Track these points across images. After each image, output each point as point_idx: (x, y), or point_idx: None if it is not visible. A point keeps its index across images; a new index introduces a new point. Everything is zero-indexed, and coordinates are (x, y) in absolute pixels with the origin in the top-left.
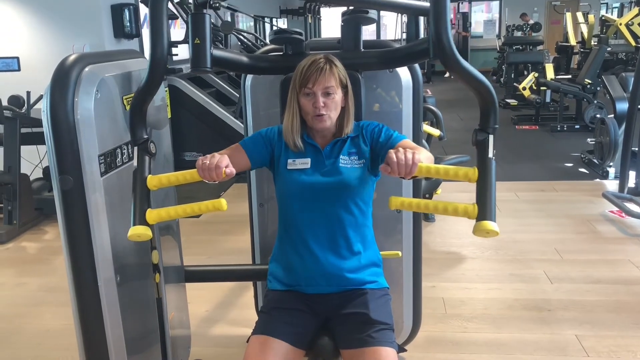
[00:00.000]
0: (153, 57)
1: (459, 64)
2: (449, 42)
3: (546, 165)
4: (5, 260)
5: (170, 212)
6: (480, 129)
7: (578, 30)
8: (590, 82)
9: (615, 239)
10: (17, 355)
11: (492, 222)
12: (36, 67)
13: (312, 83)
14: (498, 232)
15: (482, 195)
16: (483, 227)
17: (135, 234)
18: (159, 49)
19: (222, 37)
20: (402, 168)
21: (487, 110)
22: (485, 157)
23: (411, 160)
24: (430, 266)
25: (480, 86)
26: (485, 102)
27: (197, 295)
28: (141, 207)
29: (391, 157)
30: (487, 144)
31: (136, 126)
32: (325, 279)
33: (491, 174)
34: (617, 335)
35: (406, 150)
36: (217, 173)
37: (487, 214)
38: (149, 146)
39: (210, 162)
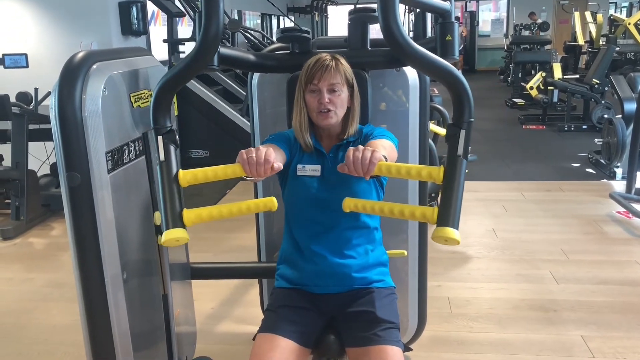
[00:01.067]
0: (205, 35)
1: (418, 53)
2: (400, 31)
3: (553, 165)
4: (12, 256)
5: (212, 213)
6: (452, 123)
7: (586, 30)
8: (598, 82)
9: (622, 239)
10: (24, 350)
11: (453, 229)
12: (44, 63)
13: (317, 79)
14: (459, 240)
15: (446, 198)
16: (442, 234)
17: (173, 239)
18: (213, 25)
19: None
20: (357, 167)
21: (460, 103)
22: (454, 155)
23: (368, 159)
24: (436, 265)
25: (448, 76)
26: (456, 93)
27: (203, 292)
28: (174, 207)
29: (348, 155)
30: (457, 140)
31: (160, 113)
32: (332, 280)
33: (458, 174)
34: (624, 336)
35: (365, 149)
36: (266, 168)
37: (448, 219)
38: (175, 136)
39: (258, 156)
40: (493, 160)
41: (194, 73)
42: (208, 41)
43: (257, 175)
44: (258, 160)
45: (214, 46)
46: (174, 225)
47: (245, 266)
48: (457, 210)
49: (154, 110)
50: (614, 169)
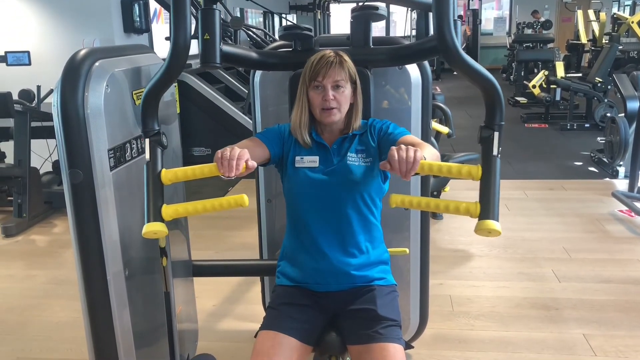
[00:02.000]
0: (175, 46)
1: (463, 59)
2: (452, 38)
3: (555, 163)
4: (14, 253)
5: (188, 208)
6: (486, 125)
7: (589, 28)
8: (601, 80)
9: (624, 238)
10: (26, 347)
11: (495, 222)
12: (46, 61)
13: (321, 76)
14: (500, 231)
15: (485, 194)
16: (485, 227)
17: (151, 231)
18: (181, 37)
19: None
20: (402, 165)
21: (493, 107)
22: (490, 155)
23: (412, 158)
24: (438, 263)
25: (485, 82)
26: (490, 98)
27: (205, 289)
28: (155, 203)
29: (392, 154)
30: (491, 141)
31: (148, 117)
32: (334, 277)
33: (495, 172)
34: (626, 335)
35: (408, 148)
36: (238, 165)
37: (489, 212)
38: (161, 138)
39: (231, 155)
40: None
41: (171, 81)
42: (178, 51)
43: (228, 173)
44: (230, 159)
45: (184, 54)
46: (154, 219)
47: (247, 264)
48: (497, 205)
49: (142, 115)
50: (616, 168)
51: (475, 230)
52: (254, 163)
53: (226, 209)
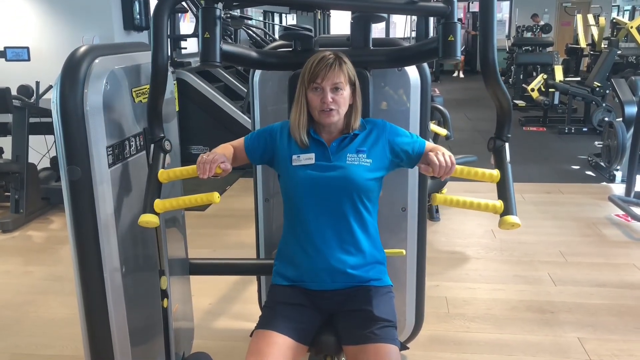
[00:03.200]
0: (155, 66)
1: (497, 80)
2: (494, 60)
3: (553, 167)
4: (11, 249)
5: (173, 203)
6: (497, 137)
7: (588, 33)
8: (599, 84)
9: (620, 242)
10: (22, 343)
11: (516, 217)
12: (46, 57)
13: (320, 78)
14: (520, 224)
15: (505, 194)
16: (509, 221)
17: (144, 221)
18: (160, 59)
19: (232, 32)
20: (442, 170)
21: (504, 121)
22: (504, 162)
23: (450, 163)
24: (434, 265)
25: (504, 100)
26: (504, 113)
27: (201, 288)
28: (151, 198)
29: (433, 160)
30: (504, 151)
31: (154, 125)
32: (330, 276)
33: (510, 176)
34: (620, 339)
35: (444, 153)
36: (211, 167)
37: (510, 209)
38: (164, 144)
39: (206, 159)
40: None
41: (161, 95)
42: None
43: (202, 175)
44: (205, 162)
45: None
46: (149, 211)
47: (244, 263)
48: (514, 202)
49: (148, 124)
50: (613, 172)
51: (499, 225)
52: (227, 166)
53: (200, 204)
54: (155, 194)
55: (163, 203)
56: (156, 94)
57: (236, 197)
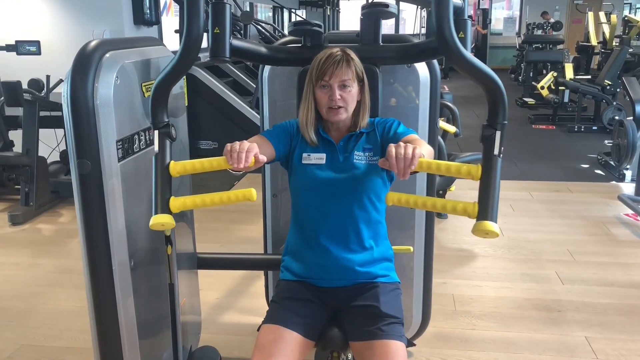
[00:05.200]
0: (188, 37)
1: (464, 57)
2: (452, 35)
3: (562, 165)
4: (21, 241)
5: (196, 201)
6: (488, 124)
7: (600, 30)
8: (610, 83)
9: (629, 242)
10: (30, 335)
11: (493, 223)
12: (56, 51)
13: (328, 76)
14: (498, 233)
15: (484, 194)
16: (482, 227)
17: (159, 223)
18: (194, 28)
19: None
20: (400, 162)
21: (496, 106)
22: (490, 154)
23: (410, 155)
24: (442, 262)
25: (488, 80)
26: (493, 96)
27: (208, 282)
28: (163, 195)
29: (390, 151)
30: (493, 140)
31: (158, 109)
32: (337, 273)
33: (495, 172)
34: (628, 339)
35: (407, 145)
36: (247, 157)
37: (488, 213)
38: (171, 130)
39: (240, 147)
40: (502, 159)
41: (182, 73)
42: (190, 43)
43: (237, 164)
44: (240, 151)
45: (197, 46)
46: (162, 211)
47: (252, 258)
48: (496, 206)
49: (152, 107)
50: (623, 171)
51: (472, 231)
52: (263, 157)
53: (234, 202)
54: (167, 191)
55: (182, 201)
56: (176, 72)
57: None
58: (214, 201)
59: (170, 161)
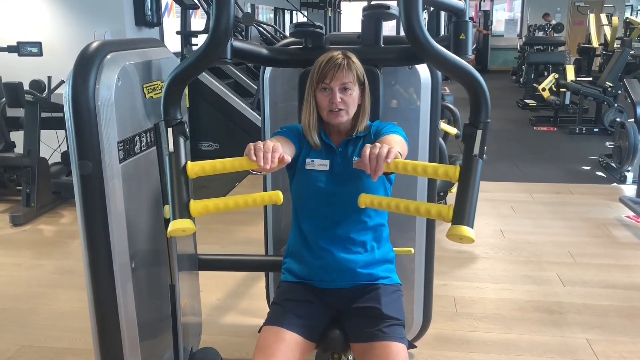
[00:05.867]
0: (216, 29)
1: (437, 52)
2: (421, 29)
3: (563, 167)
4: (22, 242)
5: (219, 205)
6: (469, 123)
7: (601, 32)
8: (611, 85)
9: (630, 244)
10: (31, 336)
11: (468, 228)
12: (58, 52)
13: (329, 79)
14: (473, 239)
15: (461, 197)
16: (457, 232)
17: (179, 229)
18: (224, 19)
19: (243, 29)
20: (373, 163)
21: (478, 103)
22: (470, 155)
23: (384, 155)
24: (443, 264)
25: (466, 76)
26: (474, 93)
27: (209, 283)
28: (182, 198)
29: (364, 152)
30: (474, 140)
31: (171, 105)
32: (338, 274)
33: (474, 174)
34: (629, 341)
35: (382, 145)
36: (273, 157)
37: (463, 217)
38: (185, 128)
39: (265, 147)
40: (503, 160)
41: (205, 66)
42: (219, 34)
43: (264, 165)
44: (265, 151)
45: (225, 39)
46: (180, 216)
47: (252, 259)
48: (473, 209)
49: (165, 102)
50: (624, 173)
51: (447, 235)
52: (288, 157)
53: (260, 205)
54: (186, 194)
55: (204, 205)
56: (197, 66)
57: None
58: (239, 204)
59: (187, 161)
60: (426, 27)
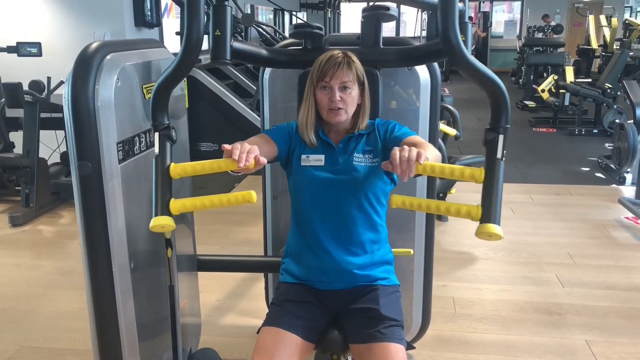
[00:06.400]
0: (188, 40)
1: (468, 61)
2: (457, 38)
3: (562, 168)
4: (21, 242)
5: (196, 203)
6: (491, 128)
7: (600, 34)
8: (610, 86)
9: (629, 245)
10: (30, 336)
11: (496, 225)
12: (57, 53)
13: (329, 77)
14: (501, 235)
15: (487, 197)
16: (486, 230)
17: (159, 225)
18: (194, 31)
19: (242, 30)
20: (404, 165)
21: (499, 109)
22: (493, 158)
23: (414, 158)
24: (442, 265)
25: (491, 84)
26: (496, 100)
27: (208, 284)
28: (164, 197)
29: (394, 154)
30: (496, 144)
31: (158, 111)
32: (337, 275)
33: (498, 176)
34: (629, 342)
35: (411, 148)
36: (248, 157)
37: (491, 216)
38: (171, 132)
39: (242, 148)
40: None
41: (182, 76)
42: (191, 46)
43: (238, 163)
44: (241, 152)
45: (197, 49)
46: (161, 213)
47: (252, 260)
48: (499, 208)
49: (153, 109)
50: (624, 174)
51: (476, 234)
52: (264, 159)
53: (234, 204)
54: (167, 193)
55: (182, 203)
56: (176, 75)
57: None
58: (214, 203)
59: (171, 163)
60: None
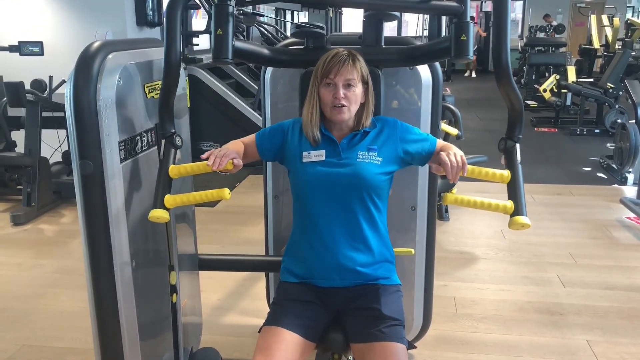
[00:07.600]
0: (168, 64)
1: (510, 80)
2: (507, 58)
3: (564, 168)
4: (23, 242)
5: (183, 199)
6: (508, 137)
7: (602, 33)
8: (612, 86)
9: (631, 245)
10: (32, 335)
11: (526, 217)
12: (59, 52)
13: (333, 74)
14: (530, 225)
15: (515, 194)
16: (519, 221)
17: (155, 216)
18: (172, 55)
19: (244, 29)
20: (454, 169)
21: (515, 121)
22: (515, 162)
23: (461, 163)
24: (443, 265)
25: (515, 100)
26: (515, 114)
27: (209, 283)
28: (162, 193)
29: (444, 159)
30: (515, 151)
31: (165, 121)
32: (338, 273)
33: (520, 176)
34: (630, 342)
35: (455, 153)
36: (222, 161)
37: (520, 209)
38: (175, 140)
39: (219, 153)
40: None
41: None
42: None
43: (213, 167)
44: (217, 156)
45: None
46: (159, 207)
47: (253, 259)
48: (524, 203)
49: (160, 119)
50: (625, 174)
51: (509, 225)
52: (239, 162)
53: (210, 200)
54: (165, 190)
55: (174, 198)
56: (168, 90)
57: (246, 194)
58: (196, 199)
59: (171, 165)
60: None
